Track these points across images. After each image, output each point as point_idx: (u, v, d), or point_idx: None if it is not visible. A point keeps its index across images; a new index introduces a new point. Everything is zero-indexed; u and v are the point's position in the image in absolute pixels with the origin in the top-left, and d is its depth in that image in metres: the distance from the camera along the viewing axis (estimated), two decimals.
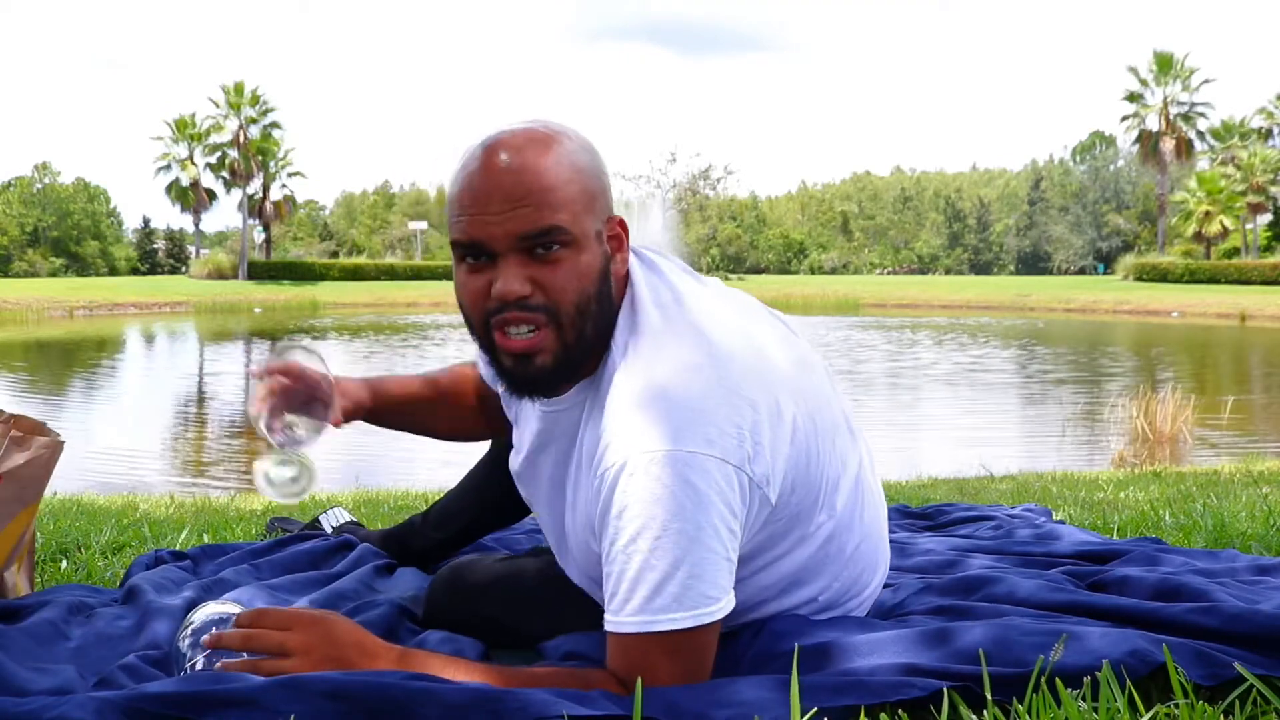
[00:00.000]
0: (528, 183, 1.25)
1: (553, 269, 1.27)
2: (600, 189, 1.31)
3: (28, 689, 1.34)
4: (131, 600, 1.79)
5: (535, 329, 1.28)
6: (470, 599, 1.66)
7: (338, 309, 36.86)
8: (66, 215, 69.58)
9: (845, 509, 1.45)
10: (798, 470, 1.34)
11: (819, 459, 1.38)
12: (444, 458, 7.58)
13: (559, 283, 1.27)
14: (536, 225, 1.25)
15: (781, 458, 1.30)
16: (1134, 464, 6.63)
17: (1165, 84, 47.12)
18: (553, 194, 1.26)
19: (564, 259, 1.27)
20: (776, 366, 1.35)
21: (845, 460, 1.46)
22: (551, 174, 1.26)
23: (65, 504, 3.49)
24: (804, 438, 1.34)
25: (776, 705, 1.20)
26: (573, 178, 1.28)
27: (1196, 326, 27.84)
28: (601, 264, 1.31)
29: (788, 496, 1.34)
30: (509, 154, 1.26)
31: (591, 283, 1.29)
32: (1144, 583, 1.66)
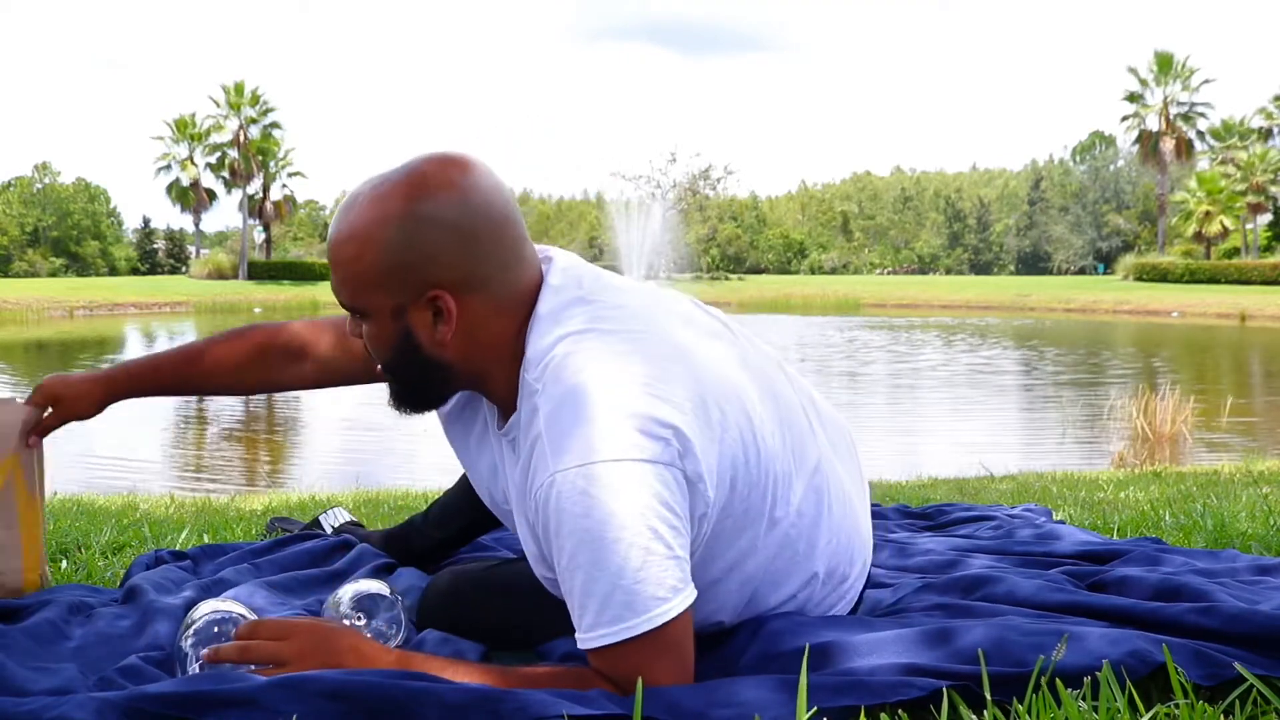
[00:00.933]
0: (332, 258, 1.35)
1: (365, 329, 1.37)
2: (410, 262, 1.29)
3: (28, 689, 1.34)
4: (132, 600, 1.79)
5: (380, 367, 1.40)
6: (466, 604, 1.66)
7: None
8: (66, 215, 69.59)
9: (805, 506, 1.43)
10: (737, 468, 1.33)
11: (762, 456, 1.36)
12: (443, 460, 7.56)
13: (370, 343, 1.38)
14: (337, 298, 1.37)
15: (713, 455, 1.29)
16: (1134, 464, 6.63)
17: (1165, 84, 47.13)
18: (343, 271, 1.33)
19: (369, 328, 1.36)
20: (702, 366, 1.34)
21: (800, 455, 1.44)
22: (344, 250, 1.32)
23: (65, 504, 3.49)
24: (739, 434, 1.33)
25: (776, 705, 1.20)
26: (362, 257, 1.30)
27: (1196, 326, 27.84)
28: (397, 337, 1.34)
29: (729, 495, 1.33)
30: (337, 221, 1.36)
31: (388, 352, 1.36)
32: (1144, 583, 1.65)
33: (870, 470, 1.75)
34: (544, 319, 1.33)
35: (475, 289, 1.31)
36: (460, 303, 1.31)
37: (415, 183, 1.30)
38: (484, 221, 1.30)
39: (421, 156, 1.34)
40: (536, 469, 1.27)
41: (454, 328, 1.32)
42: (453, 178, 1.30)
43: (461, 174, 1.31)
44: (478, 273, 1.30)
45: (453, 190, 1.29)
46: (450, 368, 1.36)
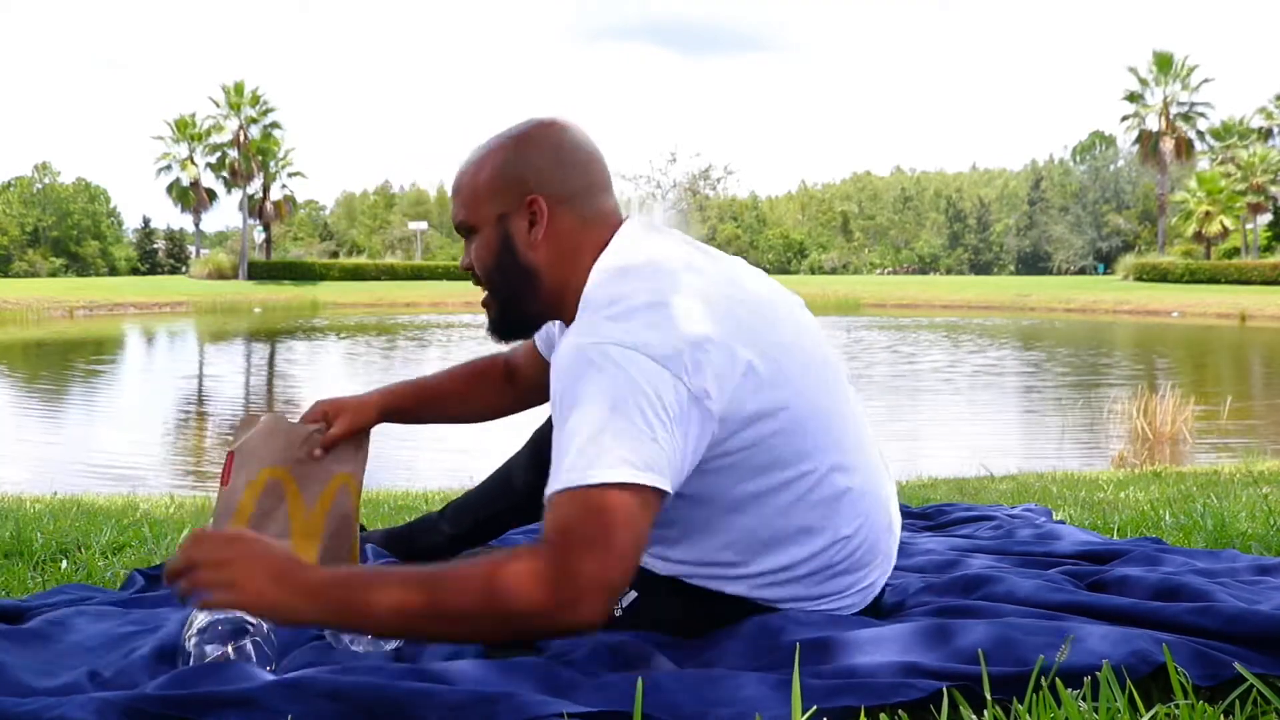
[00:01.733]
0: (453, 188, 1.60)
1: (473, 249, 1.58)
2: (501, 179, 1.54)
3: (30, 689, 1.34)
4: (134, 600, 1.79)
5: (486, 294, 1.60)
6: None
7: (338, 309, 36.88)
8: (66, 215, 69.59)
9: (843, 479, 1.49)
10: (764, 408, 1.39)
11: (801, 409, 1.43)
12: (446, 459, 7.59)
13: (476, 261, 1.58)
14: (455, 219, 1.59)
15: (731, 386, 1.36)
16: (1134, 464, 6.63)
17: (1165, 84, 47.12)
18: (459, 195, 1.58)
19: (474, 243, 1.57)
20: (745, 319, 1.43)
21: (844, 435, 1.51)
22: (463, 175, 1.57)
23: (65, 504, 3.49)
24: (773, 381, 1.40)
25: (777, 704, 1.20)
26: (474, 173, 1.56)
27: (1196, 326, 27.85)
28: (497, 243, 1.55)
29: (752, 430, 1.39)
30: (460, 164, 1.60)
31: (490, 259, 1.56)
32: (1144, 583, 1.66)
33: None
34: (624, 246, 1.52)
35: (565, 201, 1.53)
36: (552, 211, 1.52)
37: (523, 124, 1.58)
38: (575, 151, 1.55)
39: (535, 116, 1.61)
40: (558, 348, 1.40)
41: (544, 229, 1.52)
42: (555, 120, 1.58)
43: (562, 122, 1.58)
44: (568, 188, 1.53)
45: (552, 127, 1.57)
46: (538, 275, 1.54)
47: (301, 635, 1.60)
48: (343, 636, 1.57)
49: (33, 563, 2.32)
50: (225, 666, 1.31)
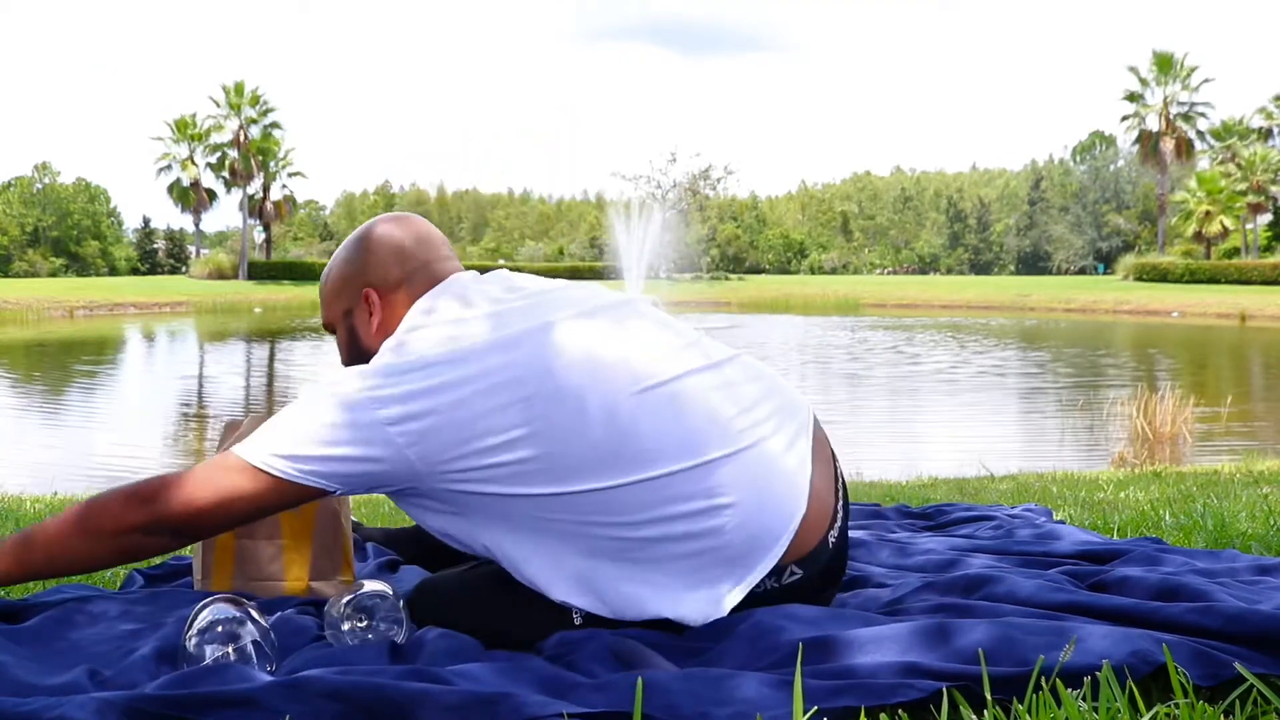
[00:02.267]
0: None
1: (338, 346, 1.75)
2: (349, 274, 1.71)
3: (30, 688, 1.34)
4: (135, 599, 1.79)
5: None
6: (442, 612, 1.67)
7: None
8: (66, 215, 69.59)
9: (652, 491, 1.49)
10: (489, 430, 1.47)
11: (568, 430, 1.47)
12: None
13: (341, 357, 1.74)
14: (322, 321, 1.78)
15: (413, 420, 1.46)
16: (1134, 464, 6.63)
17: (1165, 84, 47.13)
18: (323, 304, 1.75)
19: (338, 340, 1.74)
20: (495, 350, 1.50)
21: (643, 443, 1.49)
22: (322, 287, 1.75)
23: (65, 504, 3.49)
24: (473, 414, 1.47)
25: (777, 704, 1.20)
26: (326, 283, 1.74)
27: (1196, 326, 27.85)
28: (347, 335, 1.71)
29: (446, 450, 1.47)
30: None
31: (345, 352, 1.72)
32: (1144, 583, 1.65)
33: (871, 470, 1.75)
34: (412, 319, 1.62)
35: (397, 287, 1.67)
36: (384, 298, 1.68)
37: (364, 227, 1.75)
38: (406, 240, 1.70)
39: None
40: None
41: (379, 316, 1.67)
42: (393, 218, 1.75)
43: (399, 217, 1.76)
44: (398, 276, 1.68)
45: (389, 224, 1.73)
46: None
47: (301, 635, 1.60)
48: (343, 635, 1.57)
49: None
50: (225, 666, 1.31)
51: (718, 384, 1.58)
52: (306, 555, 1.91)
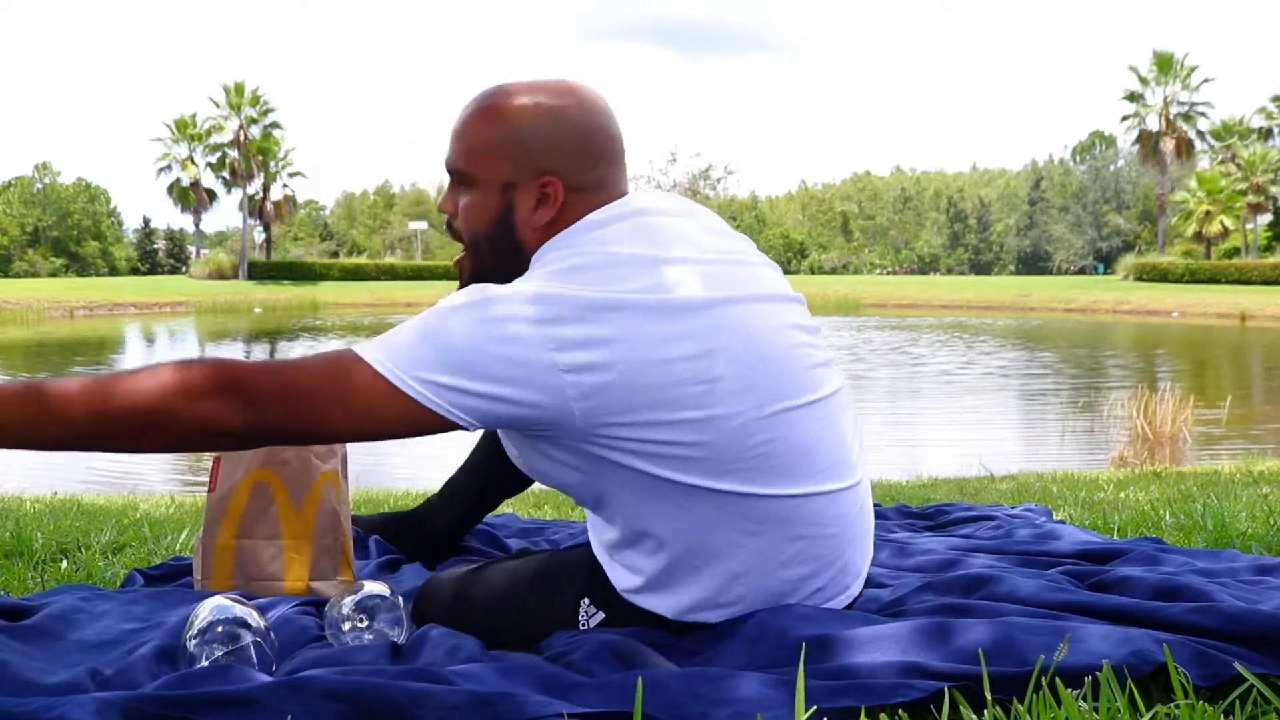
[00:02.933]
0: (457, 126, 1.46)
1: (463, 201, 1.47)
2: (524, 146, 1.42)
3: (31, 687, 1.34)
4: (135, 599, 1.79)
5: (462, 250, 1.50)
6: (458, 609, 1.67)
7: (338, 309, 36.88)
8: (67, 215, 69.60)
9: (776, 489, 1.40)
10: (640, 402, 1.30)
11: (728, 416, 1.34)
12: (443, 461, 7.57)
13: (462, 215, 1.47)
14: (447, 162, 1.47)
15: (593, 372, 1.28)
16: (1134, 464, 6.63)
17: (1165, 84, 47.13)
18: (465, 138, 1.45)
19: (464, 196, 1.47)
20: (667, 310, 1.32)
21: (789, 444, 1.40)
22: (475, 121, 1.44)
23: (65, 504, 3.49)
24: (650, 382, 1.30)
25: (777, 704, 1.20)
26: (493, 127, 1.43)
27: (1196, 326, 27.85)
28: (498, 210, 1.44)
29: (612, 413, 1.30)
30: (472, 100, 1.46)
31: (481, 224, 1.46)
32: (1144, 583, 1.66)
33: (871, 470, 1.74)
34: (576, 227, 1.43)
35: (580, 190, 1.43)
36: (565, 199, 1.43)
37: (559, 87, 1.46)
38: (602, 135, 1.45)
39: (561, 78, 1.49)
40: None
41: (551, 216, 1.43)
42: (590, 95, 1.47)
43: (595, 99, 1.47)
44: (588, 178, 1.44)
45: (589, 102, 1.45)
46: (524, 255, 1.44)
47: (301, 635, 1.60)
48: (343, 635, 1.57)
49: (33, 563, 2.32)
50: (225, 666, 1.31)
51: (846, 407, 1.50)
52: (306, 555, 1.91)
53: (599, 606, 1.54)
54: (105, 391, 1.27)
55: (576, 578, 1.58)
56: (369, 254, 72.38)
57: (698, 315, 1.33)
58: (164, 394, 1.26)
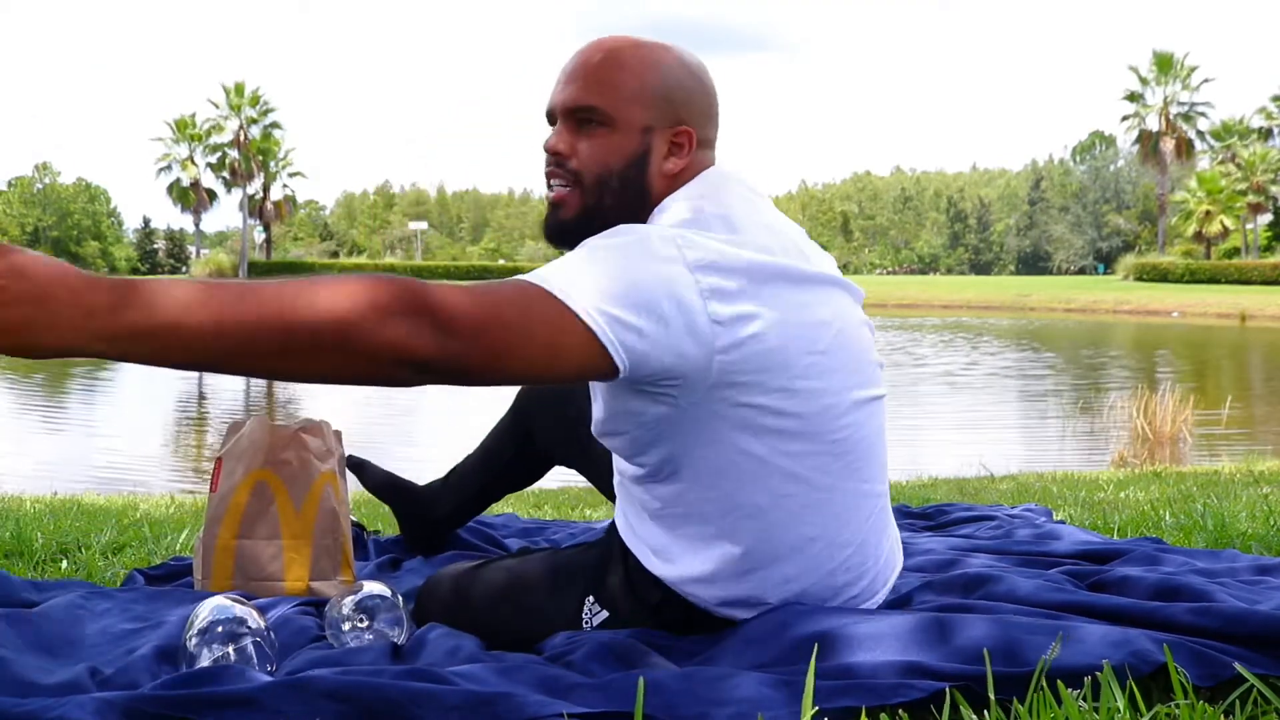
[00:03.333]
0: (593, 67, 1.44)
1: (587, 141, 1.44)
2: (667, 96, 1.45)
3: (31, 686, 1.34)
4: (135, 599, 1.79)
5: (566, 186, 1.45)
6: (459, 605, 1.68)
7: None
8: (67, 215, 69.61)
9: (833, 477, 1.42)
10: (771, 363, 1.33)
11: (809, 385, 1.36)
12: (443, 461, 7.58)
13: (588, 153, 1.44)
14: (580, 101, 1.43)
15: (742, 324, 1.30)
16: (1134, 464, 6.63)
17: (1165, 84, 47.12)
18: (609, 80, 1.43)
19: (598, 136, 1.43)
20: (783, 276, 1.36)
21: (846, 432, 1.43)
22: (619, 66, 1.44)
23: (65, 504, 3.49)
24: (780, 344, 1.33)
25: (777, 704, 1.20)
26: (638, 73, 1.44)
27: (1196, 326, 27.84)
28: (633, 153, 1.44)
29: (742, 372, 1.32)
30: (598, 45, 1.47)
31: (616, 162, 1.44)
32: (1144, 582, 1.66)
33: None
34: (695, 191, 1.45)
35: (703, 146, 1.49)
36: (692, 151, 1.47)
37: (689, 53, 1.51)
38: (718, 101, 1.53)
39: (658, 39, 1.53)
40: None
41: (681, 165, 1.46)
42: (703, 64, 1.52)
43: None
44: (710, 134, 1.50)
45: (707, 72, 1.52)
46: (648, 199, 1.45)
47: (301, 635, 1.60)
48: (343, 635, 1.57)
49: (33, 563, 2.32)
50: (225, 666, 1.31)
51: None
52: (306, 555, 1.91)
53: (603, 605, 1.55)
54: (281, 300, 1.13)
55: (581, 576, 1.58)
56: (369, 254, 72.45)
57: (820, 288, 1.40)
58: (353, 308, 1.14)
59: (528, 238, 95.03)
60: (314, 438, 1.97)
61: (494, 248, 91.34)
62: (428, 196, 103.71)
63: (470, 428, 2.19)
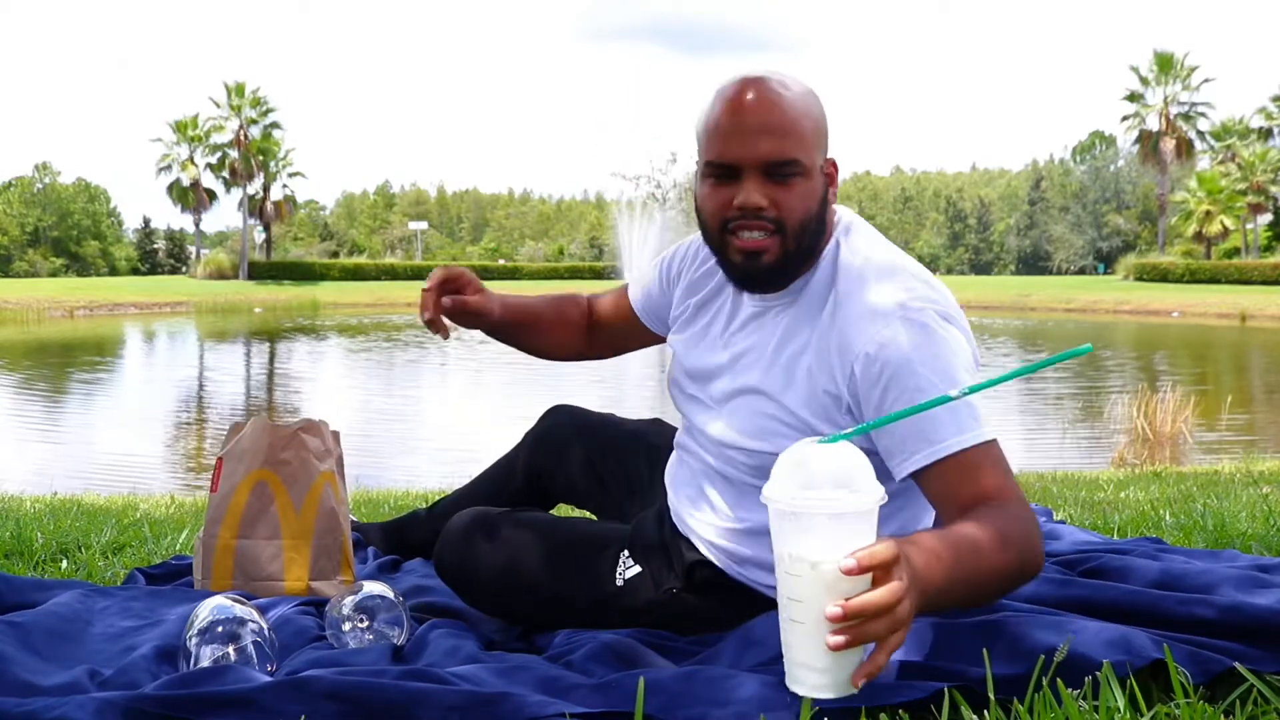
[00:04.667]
0: (777, 118, 1.47)
1: (788, 191, 1.48)
2: (824, 131, 1.53)
3: (31, 687, 1.34)
4: (135, 599, 1.79)
5: (767, 235, 1.50)
6: (479, 542, 1.70)
7: (338, 309, 36.86)
8: (67, 215, 69.58)
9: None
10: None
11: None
12: (443, 460, 7.59)
13: (790, 203, 1.49)
14: (781, 155, 1.47)
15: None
16: (1134, 464, 6.63)
17: (1165, 84, 47.08)
18: (795, 129, 1.48)
19: (797, 185, 1.49)
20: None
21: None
22: (794, 112, 1.48)
23: (65, 504, 3.49)
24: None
25: (777, 704, 1.20)
26: (808, 117, 1.50)
27: (1197, 326, 27.83)
28: (821, 193, 1.52)
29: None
30: (761, 92, 1.48)
31: (814, 205, 1.51)
32: (1147, 570, 1.66)
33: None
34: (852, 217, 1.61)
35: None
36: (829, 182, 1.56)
37: (791, 76, 1.55)
38: None
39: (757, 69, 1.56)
40: (875, 310, 1.46)
41: (834, 194, 1.56)
42: None
43: None
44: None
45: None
46: (824, 231, 1.54)
47: (302, 635, 1.60)
48: (343, 635, 1.57)
49: (33, 563, 2.32)
50: (225, 666, 1.31)
51: None
52: (306, 555, 1.92)
53: (636, 560, 1.63)
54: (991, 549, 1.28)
55: (618, 539, 1.68)
56: (369, 254, 72.41)
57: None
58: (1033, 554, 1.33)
59: (527, 238, 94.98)
60: (313, 438, 1.97)
61: (494, 248, 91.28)
62: (428, 196, 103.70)
63: (470, 428, 2.17)
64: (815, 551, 1.06)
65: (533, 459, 2.06)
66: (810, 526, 1.06)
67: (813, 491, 1.07)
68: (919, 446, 1.38)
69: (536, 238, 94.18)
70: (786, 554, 1.09)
